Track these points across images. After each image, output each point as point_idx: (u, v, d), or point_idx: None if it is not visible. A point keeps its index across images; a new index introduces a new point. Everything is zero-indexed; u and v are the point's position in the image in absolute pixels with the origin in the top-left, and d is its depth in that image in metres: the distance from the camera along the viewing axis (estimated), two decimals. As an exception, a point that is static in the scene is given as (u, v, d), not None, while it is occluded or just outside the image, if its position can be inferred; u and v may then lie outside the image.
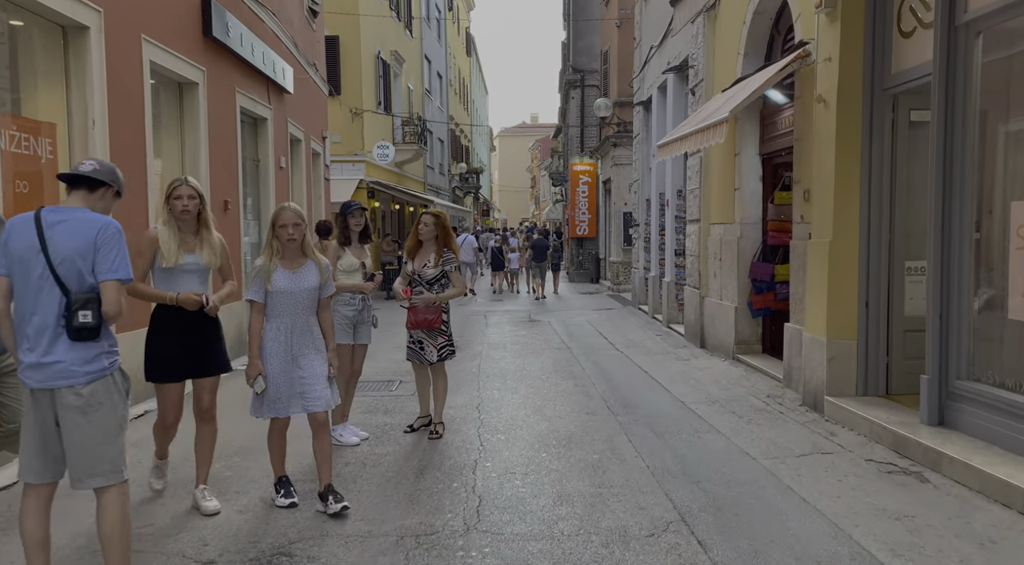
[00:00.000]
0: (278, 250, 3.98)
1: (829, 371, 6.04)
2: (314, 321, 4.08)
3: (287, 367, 3.98)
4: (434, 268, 5.61)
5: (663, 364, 8.68)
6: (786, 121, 7.79)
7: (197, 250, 3.99)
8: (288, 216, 3.97)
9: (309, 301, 4.02)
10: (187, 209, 3.95)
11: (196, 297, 3.92)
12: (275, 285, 3.92)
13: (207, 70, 8.26)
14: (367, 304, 5.48)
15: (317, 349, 4.05)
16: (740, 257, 8.67)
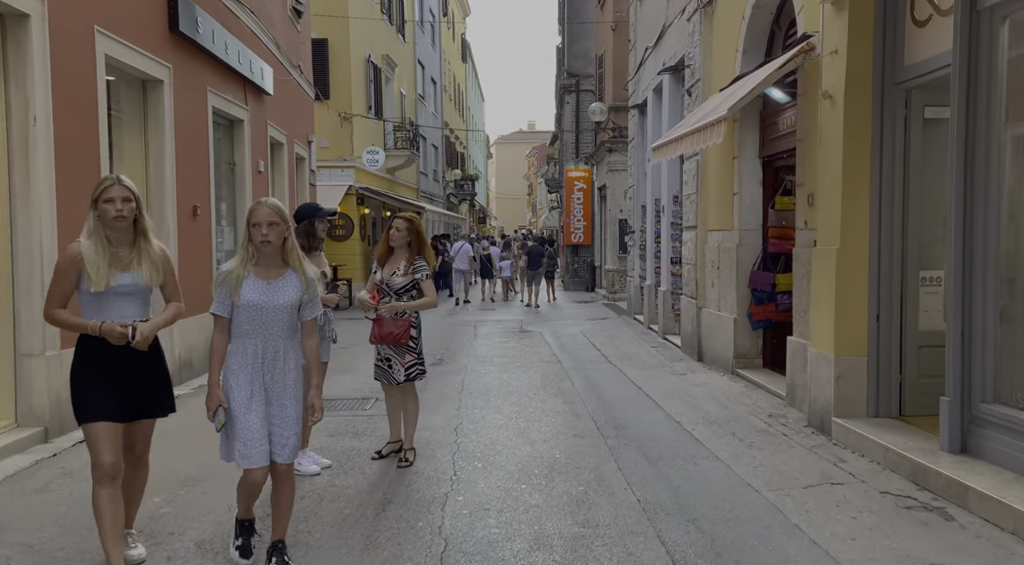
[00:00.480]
0: (252, 254, 3.26)
1: (837, 390, 5.55)
2: (293, 348, 3.34)
3: (256, 400, 3.23)
4: (403, 276, 5.14)
5: (658, 379, 8.19)
6: (788, 121, 7.33)
7: (134, 266, 3.26)
8: (263, 213, 3.22)
9: (286, 321, 3.28)
10: (121, 215, 3.20)
11: (121, 329, 3.18)
12: (244, 297, 3.20)
13: (174, 67, 7.78)
14: (328, 318, 4.99)
15: (294, 384, 3.32)
16: (739, 266, 8.19)
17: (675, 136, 8.03)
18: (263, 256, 3.26)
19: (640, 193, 14.30)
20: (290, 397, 3.31)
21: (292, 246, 3.33)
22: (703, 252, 9.33)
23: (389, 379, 5.16)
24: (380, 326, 5.06)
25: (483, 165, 62.53)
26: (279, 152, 12.48)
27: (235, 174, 10.20)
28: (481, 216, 57.73)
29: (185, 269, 7.50)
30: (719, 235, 8.79)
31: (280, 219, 3.25)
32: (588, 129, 22.70)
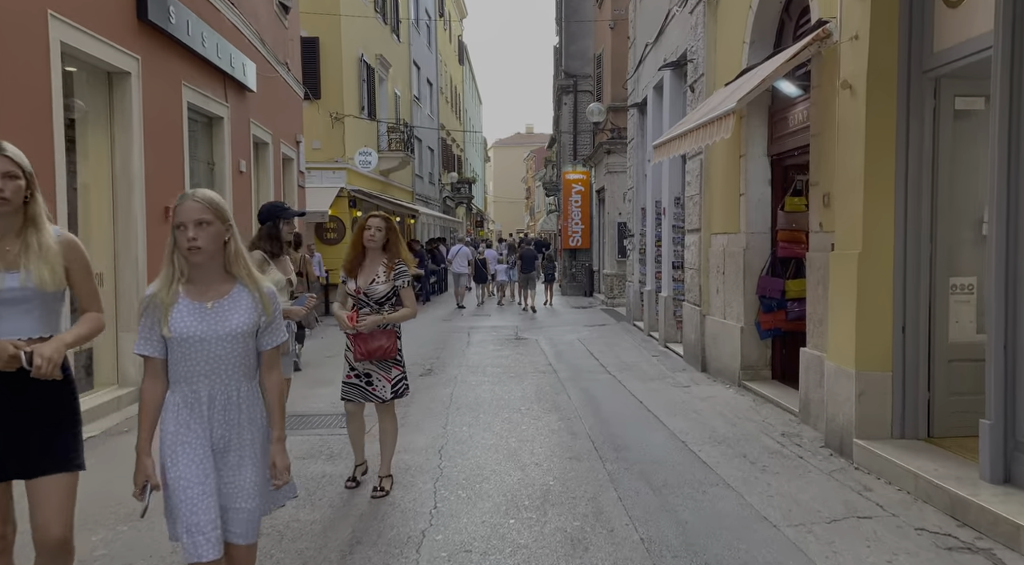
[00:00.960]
0: (181, 269, 2.43)
1: (859, 408, 5.04)
2: (252, 391, 2.52)
3: (203, 467, 2.41)
4: (385, 283, 4.61)
5: (660, 392, 7.68)
6: (799, 116, 6.83)
7: (22, 264, 2.47)
8: (189, 210, 2.39)
9: (238, 356, 2.46)
10: (2, 196, 2.45)
11: (12, 350, 2.40)
12: (175, 328, 2.39)
13: (143, 59, 7.28)
14: (290, 331, 4.48)
15: (253, 441, 2.49)
16: (746, 271, 7.69)
17: (678, 133, 7.53)
18: (196, 269, 2.44)
19: (640, 195, 13.81)
20: (249, 458, 2.48)
21: (237, 253, 2.48)
22: (707, 256, 8.83)
23: (368, 397, 4.66)
24: (365, 342, 4.53)
25: (481, 168, 62.06)
26: (264, 152, 11.98)
27: (214, 174, 9.70)
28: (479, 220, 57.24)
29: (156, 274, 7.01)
30: (724, 238, 8.30)
31: (215, 216, 2.42)
32: (586, 130, 22.22)
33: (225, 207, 2.52)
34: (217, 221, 2.44)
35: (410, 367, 9.58)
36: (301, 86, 14.89)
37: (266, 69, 11.80)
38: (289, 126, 13.65)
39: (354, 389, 4.67)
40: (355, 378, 4.66)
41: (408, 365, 9.70)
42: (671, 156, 8.04)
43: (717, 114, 6.13)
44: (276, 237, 4.48)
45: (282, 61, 13.10)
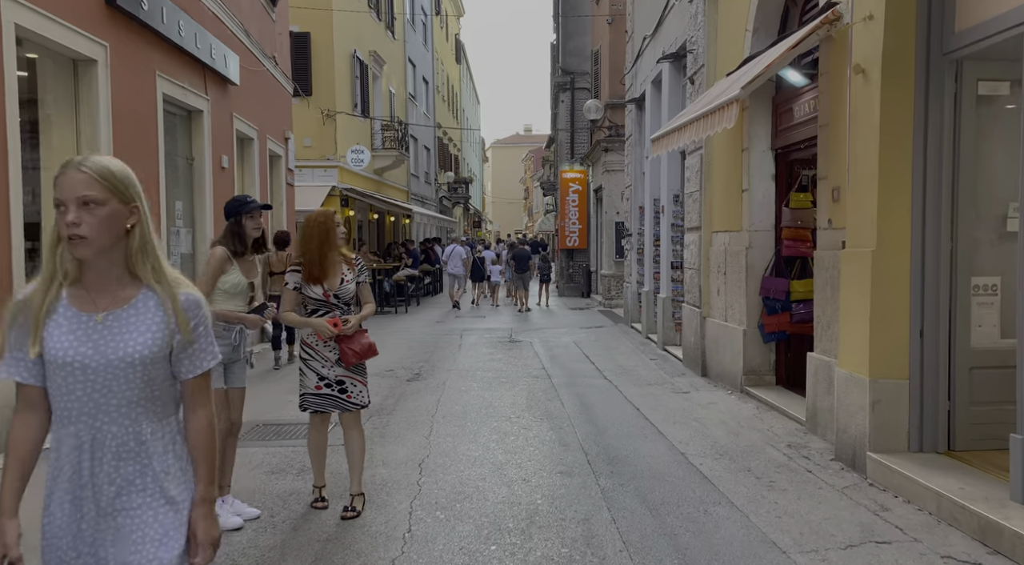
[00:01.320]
0: (65, 266, 1.76)
1: (873, 419, 4.66)
2: (161, 434, 1.80)
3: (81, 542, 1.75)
4: (352, 282, 4.31)
5: (659, 398, 7.29)
6: (806, 107, 6.45)
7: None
8: (69, 184, 1.71)
9: (138, 386, 1.75)
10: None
11: None
12: (50, 347, 1.74)
13: (111, 46, 6.88)
14: (243, 338, 4.08)
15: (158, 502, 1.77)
16: (749, 271, 7.31)
17: (678, 124, 7.15)
18: (85, 268, 1.77)
19: (638, 193, 13.42)
20: (152, 528, 1.76)
21: (143, 245, 1.78)
22: (707, 256, 8.44)
23: (344, 406, 4.30)
24: (355, 343, 4.22)
25: (479, 169, 61.67)
26: (249, 148, 11.58)
27: (194, 170, 9.30)
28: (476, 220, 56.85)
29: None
30: (726, 237, 7.91)
31: (110, 193, 1.72)
32: (584, 128, 21.84)
33: (126, 179, 1.78)
34: (113, 199, 1.72)
35: (397, 372, 9.27)
36: (290, 81, 14.49)
37: (251, 62, 11.41)
38: (277, 122, 13.25)
39: (326, 400, 4.29)
40: (326, 388, 4.28)
41: (395, 370, 9.51)
42: (671, 149, 7.65)
43: (720, 103, 5.74)
44: (239, 234, 4.10)
45: (269, 55, 12.71)
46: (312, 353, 4.28)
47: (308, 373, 4.28)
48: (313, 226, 4.30)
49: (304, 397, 4.28)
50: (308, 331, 4.29)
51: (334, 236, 4.40)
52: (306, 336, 4.31)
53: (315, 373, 4.28)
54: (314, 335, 4.28)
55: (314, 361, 4.29)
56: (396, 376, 8.62)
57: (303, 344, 4.31)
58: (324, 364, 4.29)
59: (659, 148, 7.87)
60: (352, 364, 4.34)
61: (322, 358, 4.30)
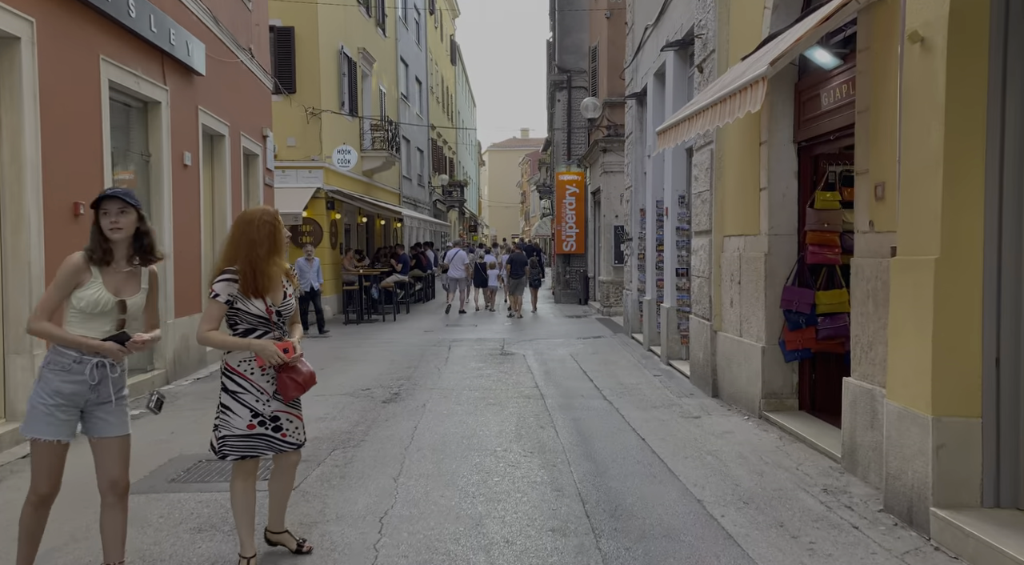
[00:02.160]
0: None
1: (937, 466, 3.78)
2: None
3: None
4: (294, 297, 3.63)
5: (666, 425, 6.41)
6: (837, 93, 5.59)
7: None
8: None
9: None
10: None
11: None
12: None
13: (39, 22, 6.00)
14: (106, 374, 3.12)
15: None
16: (768, 280, 6.44)
17: (689, 112, 6.28)
18: None
19: (639, 195, 12.57)
20: None
21: None
22: (718, 263, 7.58)
23: (279, 447, 3.50)
24: (295, 371, 3.47)
25: (475, 172, 60.85)
26: (219, 145, 10.71)
27: (150, 167, 8.41)
28: (472, 224, 56.00)
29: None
30: (740, 241, 7.05)
31: None
32: (581, 128, 21.00)
33: None
34: None
35: (374, 391, 8.37)
36: (269, 76, 13.62)
37: (221, 52, 10.54)
38: (253, 118, 12.37)
39: (258, 441, 3.46)
40: (259, 426, 3.45)
41: (372, 389, 8.62)
42: (680, 142, 6.79)
43: (742, 83, 4.87)
44: (97, 237, 3.12)
45: (244, 46, 11.84)
46: (245, 384, 3.43)
47: (238, 410, 3.43)
48: (257, 225, 3.46)
49: (226, 441, 3.43)
50: (244, 356, 3.43)
51: (281, 238, 3.55)
52: (237, 363, 3.45)
53: (248, 409, 3.44)
54: (250, 361, 3.42)
55: (247, 394, 3.45)
56: (372, 396, 7.74)
57: (230, 373, 3.46)
58: (260, 397, 3.45)
59: (666, 141, 7.00)
60: (293, 398, 3.52)
61: (257, 390, 3.45)
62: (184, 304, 8.73)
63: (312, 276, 13.72)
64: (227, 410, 3.44)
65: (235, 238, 3.50)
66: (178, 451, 5.61)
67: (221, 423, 3.43)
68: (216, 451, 3.44)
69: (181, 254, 8.73)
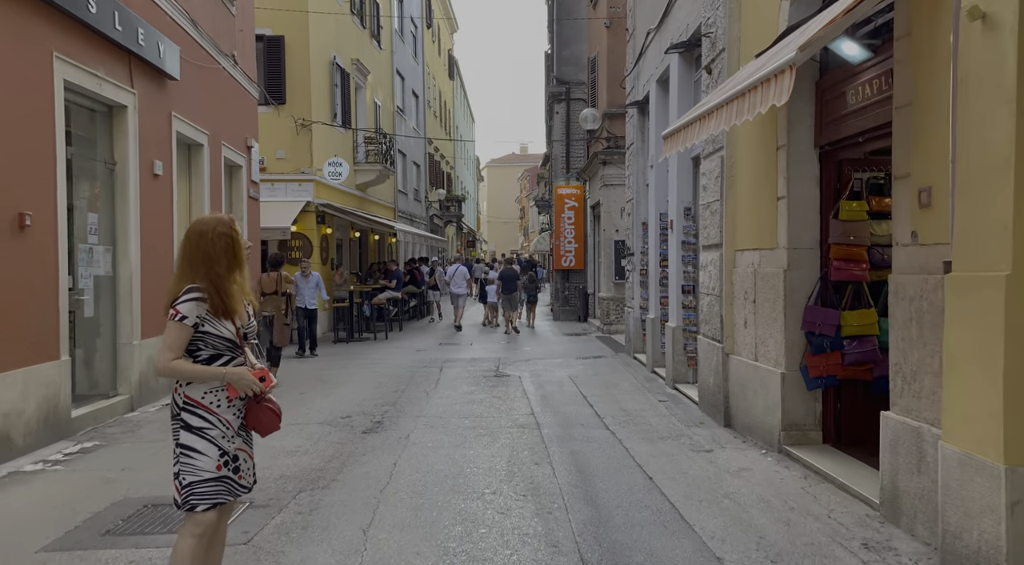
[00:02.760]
0: None
1: (1011, 526, 3.13)
2: None
3: None
4: (254, 316, 3.15)
5: (675, 460, 5.74)
6: (867, 89, 4.99)
7: None
8: None
9: None
10: None
11: None
12: None
13: (-23, 13, 5.42)
14: None
15: None
16: (788, 298, 5.81)
17: (700, 112, 5.67)
18: None
19: (640, 208, 11.96)
20: None
21: None
22: (730, 279, 6.95)
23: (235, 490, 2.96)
24: (272, 403, 3.03)
25: (473, 188, 60.38)
26: (197, 154, 10.10)
27: (115, 176, 7.79)
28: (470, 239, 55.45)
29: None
30: (755, 256, 6.43)
31: None
32: (580, 140, 20.45)
33: None
34: None
35: (355, 419, 7.67)
36: (255, 85, 13.05)
37: (199, 57, 9.96)
38: (236, 127, 11.78)
39: (224, 485, 2.92)
40: (225, 467, 2.91)
41: (353, 416, 7.93)
42: (688, 146, 6.17)
43: (764, 74, 4.26)
44: None
45: (227, 52, 11.27)
46: (211, 419, 2.88)
47: (205, 448, 2.86)
48: (212, 237, 2.91)
49: (193, 489, 2.85)
50: (209, 387, 2.88)
51: (242, 251, 2.98)
52: (201, 395, 2.87)
53: (216, 447, 2.88)
54: (217, 392, 2.88)
55: (214, 430, 2.89)
56: (351, 426, 7.07)
57: (193, 407, 2.90)
58: (225, 433, 2.91)
59: (674, 145, 6.39)
60: (272, 432, 3.04)
61: (223, 425, 2.90)
62: (152, 324, 8.08)
63: (309, 294, 12.65)
64: (192, 452, 2.86)
65: (188, 253, 2.95)
66: (123, 493, 4.94)
67: (185, 468, 2.85)
68: (181, 504, 2.86)
69: (149, 270, 8.09)
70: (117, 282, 7.75)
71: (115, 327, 7.75)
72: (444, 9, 39.36)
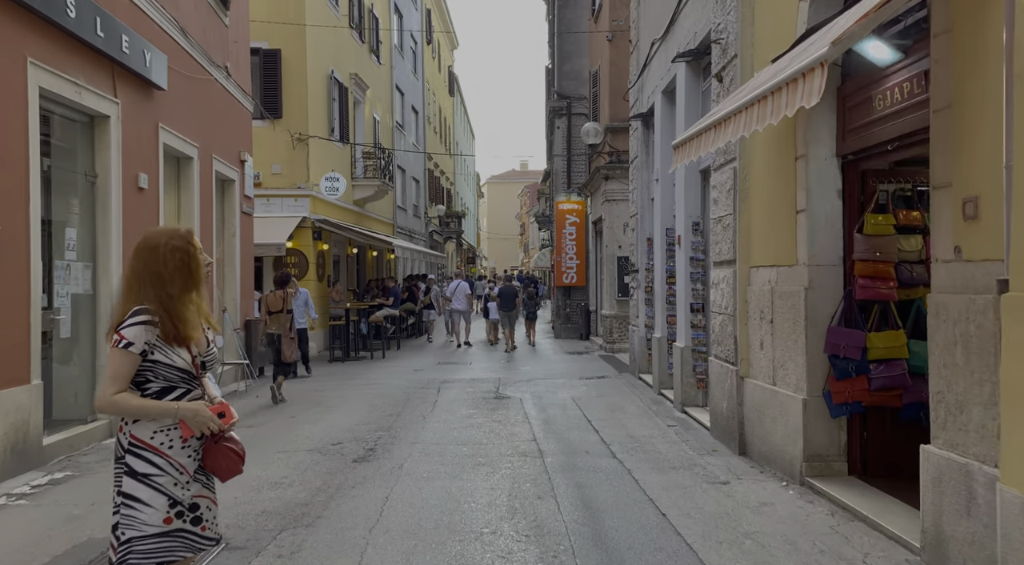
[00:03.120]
0: None
1: (1089, 585, 2.71)
2: None
3: None
4: (215, 343, 2.75)
5: (689, 494, 5.32)
6: (896, 93, 4.62)
7: None
8: None
9: None
10: None
11: None
12: None
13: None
14: None
15: None
16: (809, 318, 5.41)
17: (714, 119, 5.30)
18: None
19: (645, 223, 11.59)
20: None
21: None
22: (745, 298, 6.55)
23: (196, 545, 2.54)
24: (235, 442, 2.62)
25: (474, 204, 60.15)
26: (187, 168, 9.76)
27: (96, 189, 7.42)
28: (470, 256, 55.12)
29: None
30: (771, 273, 6.04)
31: None
32: (581, 155, 20.14)
33: None
34: None
35: (346, 445, 7.23)
36: (249, 97, 12.74)
37: (189, 67, 9.64)
38: (229, 141, 11.45)
39: (177, 540, 2.49)
40: (177, 518, 2.49)
41: (345, 443, 7.46)
42: (701, 156, 5.80)
43: (788, 74, 3.90)
44: None
45: (220, 63, 10.96)
46: (160, 462, 2.48)
47: (151, 498, 2.45)
48: (163, 253, 2.52)
49: (132, 546, 2.43)
50: (158, 425, 2.49)
51: (199, 268, 2.58)
52: (150, 435, 2.48)
53: (165, 496, 2.46)
54: (168, 432, 2.49)
55: (164, 476, 2.48)
56: (342, 453, 6.65)
57: (140, 448, 2.49)
58: (179, 479, 2.50)
59: (685, 155, 6.02)
60: (234, 476, 2.62)
61: (176, 469, 2.50)
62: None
63: (298, 312, 12.10)
64: (134, 502, 2.45)
65: (137, 271, 2.58)
66: (88, 533, 4.52)
67: (125, 521, 2.43)
68: (120, 561, 2.42)
69: (132, 288, 7.70)
70: (97, 300, 7.36)
71: (94, 348, 7.34)
72: (444, 25, 39.29)
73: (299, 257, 16.21)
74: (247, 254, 12.59)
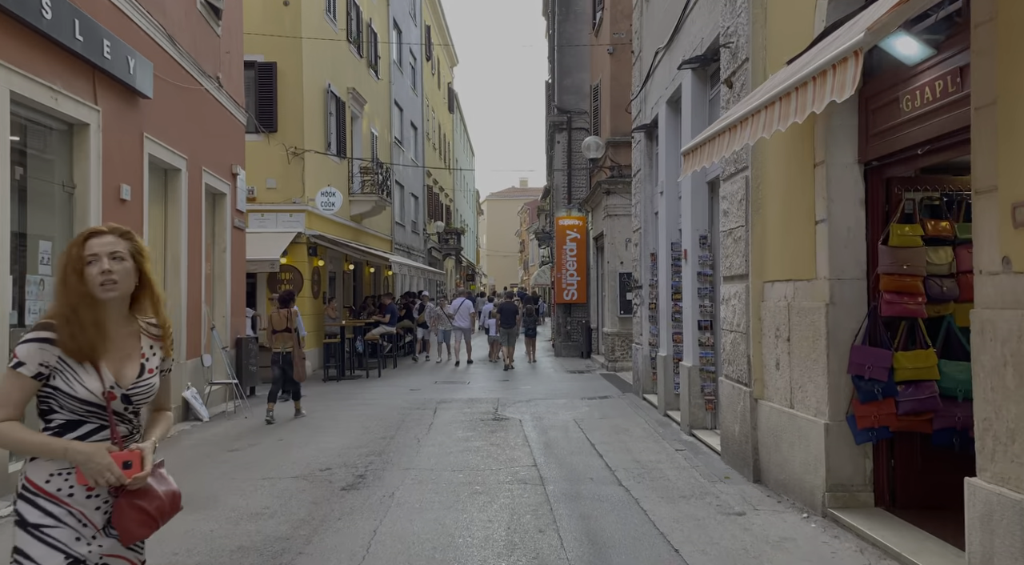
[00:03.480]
0: None
1: None
2: None
3: None
4: (158, 372, 2.26)
5: (702, 526, 4.90)
6: (928, 92, 4.27)
7: None
8: None
9: None
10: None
11: None
12: None
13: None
14: None
15: None
16: (831, 336, 5.02)
17: (727, 123, 4.95)
18: None
19: (649, 237, 11.23)
20: None
21: None
22: (758, 314, 6.17)
23: None
24: (145, 496, 2.12)
25: (473, 221, 59.91)
26: (174, 180, 9.41)
27: (74, 200, 7.06)
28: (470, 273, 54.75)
29: None
30: (788, 288, 5.66)
31: None
32: (582, 169, 19.84)
33: None
34: None
35: (335, 471, 6.81)
36: (242, 110, 12.43)
37: (179, 77, 9.33)
38: (220, 153, 11.12)
39: None
40: None
41: (333, 468, 6.76)
42: (715, 161, 5.43)
43: (820, 65, 3.53)
44: None
45: (211, 74, 10.66)
46: (57, 512, 2.07)
47: (44, 556, 2.02)
48: (63, 256, 2.13)
49: None
50: (58, 467, 2.08)
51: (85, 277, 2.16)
52: (45, 478, 2.07)
53: (61, 553, 2.04)
54: (66, 476, 2.08)
55: (60, 529, 2.06)
56: (330, 480, 6.23)
57: (33, 493, 2.08)
58: (81, 533, 2.08)
59: (696, 162, 5.66)
60: (140, 539, 2.14)
61: (79, 521, 2.07)
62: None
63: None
64: (24, 559, 2.03)
65: (56, 276, 2.17)
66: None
67: None
68: None
69: (111, 304, 7.32)
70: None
71: (70, 367, 6.94)
72: (444, 42, 39.21)
73: (294, 273, 15.83)
74: (238, 270, 12.21)
